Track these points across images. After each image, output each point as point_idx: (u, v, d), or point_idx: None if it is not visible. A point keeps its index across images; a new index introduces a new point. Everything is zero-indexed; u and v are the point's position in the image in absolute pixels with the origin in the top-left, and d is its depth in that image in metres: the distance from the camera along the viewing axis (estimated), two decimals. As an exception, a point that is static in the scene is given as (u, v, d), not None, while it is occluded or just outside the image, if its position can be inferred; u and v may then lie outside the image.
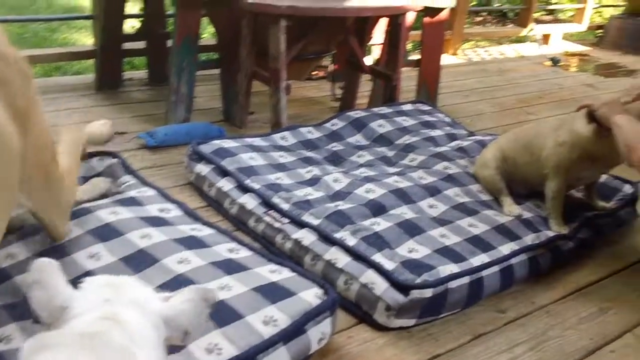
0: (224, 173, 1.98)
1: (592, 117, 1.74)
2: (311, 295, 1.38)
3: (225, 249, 1.58)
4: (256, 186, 1.90)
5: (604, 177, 2.14)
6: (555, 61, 4.63)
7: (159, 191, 1.82)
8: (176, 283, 1.35)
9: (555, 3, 7.26)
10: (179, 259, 1.46)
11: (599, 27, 5.97)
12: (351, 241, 1.64)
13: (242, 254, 1.58)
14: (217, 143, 2.13)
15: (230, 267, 1.48)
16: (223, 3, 2.50)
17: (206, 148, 2.10)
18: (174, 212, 1.74)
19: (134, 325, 0.92)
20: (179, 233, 1.59)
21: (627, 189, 2.17)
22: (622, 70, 4.70)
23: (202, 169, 2.03)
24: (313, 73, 3.56)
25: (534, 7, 5.23)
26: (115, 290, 0.98)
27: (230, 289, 1.38)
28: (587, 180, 2.03)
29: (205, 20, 2.99)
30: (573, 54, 5.11)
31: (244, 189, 1.90)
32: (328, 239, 1.65)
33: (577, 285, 1.73)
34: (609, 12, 6.64)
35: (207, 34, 4.45)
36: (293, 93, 3.12)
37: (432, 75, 3.12)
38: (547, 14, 7.47)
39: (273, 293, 1.37)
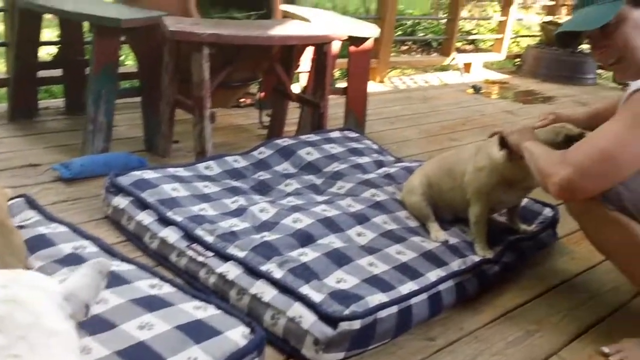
0: (144, 206, 1.89)
1: (504, 143, 1.78)
2: (238, 335, 1.32)
3: (147, 285, 1.50)
4: (178, 218, 1.82)
5: (525, 201, 2.19)
6: (476, 89, 4.79)
7: (70, 227, 1.71)
8: (93, 324, 1.25)
9: (476, 33, 7.57)
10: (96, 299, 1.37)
11: (517, 56, 6.25)
12: (278, 273, 1.59)
13: (164, 290, 1.50)
14: (137, 174, 2.04)
15: (152, 303, 1.40)
16: (144, 30, 2.43)
17: (125, 179, 2.00)
18: (89, 249, 1.64)
19: (36, 303, 0.94)
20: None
21: (547, 212, 2.23)
22: (539, 97, 4.91)
23: (120, 201, 1.93)
24: (240, 100, 3.52)
25: (455, 37, 5.41)
26: (11, 277, 0.99)
27: (151, 327, 1.30)
28: (509, 204, 2.07)
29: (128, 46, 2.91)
30: (493, 82, 5.30)
31: (166, 222, 1.82)
32: (254, 272, 1.59)
33: (503, 309, 1.74)
34: (526, 42, 6.97)
35: (131, 60, 4.33)
36: (220, 121, 3.07)
37: (359, 103, 3.15)
38: (468, 44, 7.77)
39: (198, 332, 1.30)
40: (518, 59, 6.12)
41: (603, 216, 1.44)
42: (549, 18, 6.23)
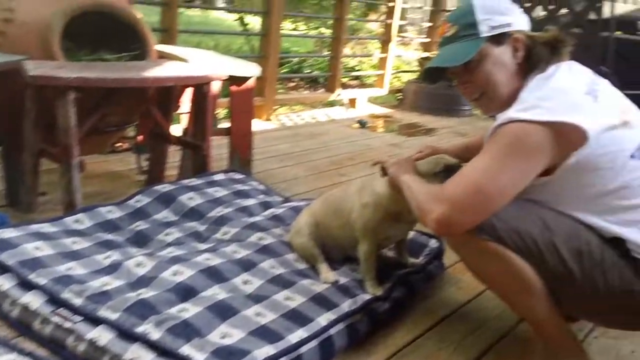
0: (2, 269, 1.69)
1: (386, 174, 1.78)
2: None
3: (3, 362, 1.33)
4: (42, 281, 1.64)
5: (411, 234, 2.20)
6: (362, 123, 4.88)
7: None
8: None
9: (359, 70, 7.79)
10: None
11: (399, 90, 6.48)
12: (155, 334, 1.47)
13: (23, 365, 1.34)
14: (-5, 234, 1.84)
15: (7, 384, 1.24)
16: (2, 75, 2.23)
17: (-20, 241, 1.79)
18: None
19: None
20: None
21: (433, 243, 2.25)
22: (421, 129, 5.08)
23: (-26, 266, 1.72)
24: (117, 145, 3.35)
25: (339, 73, 5.52)
26: None
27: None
28: (397, 239, 2.06)
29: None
30: (378, 116, 5.44)
31: (28, 286, 1.63)
32: (128, 335, 1.46)
33: (395, 348, 1.71)
34: (406, 77, 7.26)
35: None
36: (94, 168, 2.89)
37: (244, 143, 3.08)
38: (353, 80, 7.99)
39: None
40: (400, 93, 6.35)
41: (480, 248, 1.45)
42: (426, 54, 6.53)
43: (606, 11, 2.32)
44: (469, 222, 1.40)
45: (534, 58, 1.51)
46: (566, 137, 1.37)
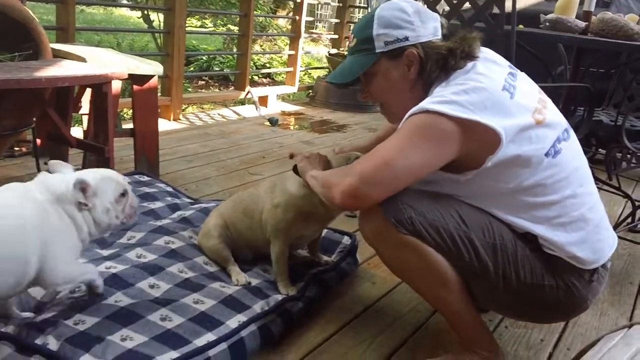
0: None
1: (296, 170, 1.77)
2: None
3: None
4: None
5: (324, 231, 2.20)
6: (273, 121, 4.85)
7: None
8: None
9: (269, 67, 7.75)
10: None
11: (309, 87, 6.49)
12: (54, 345, 1.39)
13: None
14: None
15: None
16: None
17: None
18: None
19: None
20: None
21: (346, 240, 2.26)
22: (333, 126, 5.11)
23: None
24: (16, 149, 3.14)
25: (248, 71, 5.45)
26: None
27: None
28: (310, 239, 2.05)
29: None
30: (289, 114, 5.43)
31: None
32: (27, 348, 1.38)
33: (309, 347, 1.70)
34: (317, 74, 7.29)
35: None
36: (-13, 175, 2.69)
37: (150, 143, 2.97)
38: (264, 77, 7.94)
39: None
40: (310, 90, 6.36)
41: (397, 241, 1.46)
42: (335, 50, 6.58)
43: (508, 5, 2.41)
44: (375, 195, 1.41)
45: (425, 74, 1.52)
46: (478, 135, 1.38)
